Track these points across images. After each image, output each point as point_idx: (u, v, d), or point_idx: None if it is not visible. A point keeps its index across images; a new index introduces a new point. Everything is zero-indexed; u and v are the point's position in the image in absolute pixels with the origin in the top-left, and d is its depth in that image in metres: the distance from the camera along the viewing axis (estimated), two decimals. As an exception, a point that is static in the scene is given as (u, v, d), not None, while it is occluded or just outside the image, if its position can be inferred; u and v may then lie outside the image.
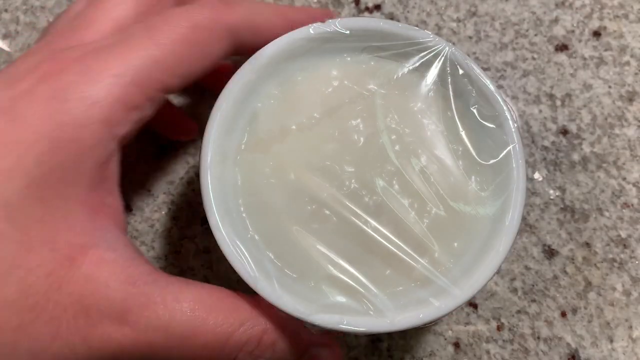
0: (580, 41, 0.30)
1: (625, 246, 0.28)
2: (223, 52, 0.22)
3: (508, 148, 0.22)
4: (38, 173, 0.18)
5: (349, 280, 0.21)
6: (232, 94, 0.22)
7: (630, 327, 0.27)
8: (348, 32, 0.23)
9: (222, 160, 0.22)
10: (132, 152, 0.29)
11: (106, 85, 0.19)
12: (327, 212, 0.22)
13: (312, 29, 0.23)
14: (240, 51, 0.23)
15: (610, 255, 0.28)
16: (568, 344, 0.27)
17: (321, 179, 0.22)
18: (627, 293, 0.28)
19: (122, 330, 0.19)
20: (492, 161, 0.22)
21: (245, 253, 0.20)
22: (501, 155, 0.22)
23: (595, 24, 0.31)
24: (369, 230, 0.21)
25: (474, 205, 0.22)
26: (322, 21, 0.23)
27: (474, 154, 0.23)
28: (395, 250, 0.21)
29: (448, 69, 0.23)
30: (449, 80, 0.23)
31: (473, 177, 0.23)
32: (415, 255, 0.21)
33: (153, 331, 0.19)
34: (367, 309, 0.21)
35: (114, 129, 0.20)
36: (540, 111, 0.29)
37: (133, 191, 0.29)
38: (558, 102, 0.30)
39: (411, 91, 0.23)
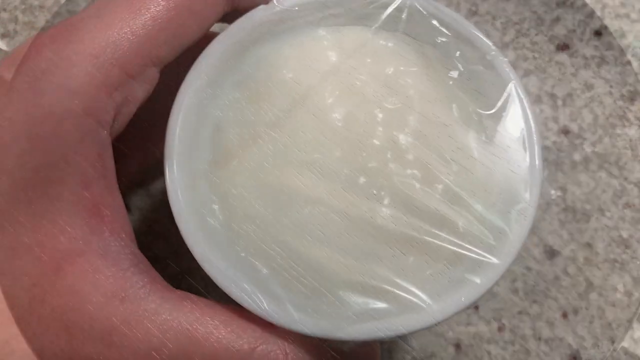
0: (581, 40, 0.30)
1: (626, 246, 0.28)
2: (219, 11, 0.20)
3: (507, 88, 0.20)
4: (21, 175, 0.16)
5: (369, 280, 0.19)
6: (183, 106, 0.19)
7: (632, 328, 0.27)
8: (296, 8, 0.20)
9: (192, 184, 0.19)
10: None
11: (82, 69, 0.17)
12: (325, 209, 0.19)
13: (255, 15, 0.20)
14: (241, 9, 0.21)
15: (612, 256, 0.28)
16: (569, 345, 0.27)
17: (308, 175, 0.20)
18: (628, 294, 0.27)
19: (108, 354, 0.16)
20: (493, 109, 0.20)
21: (247, 283, 0.18)
22: (502, 99, 0.20)
23: (596, 23, 0.30)
24: (376, 218, 0.19)
25: (481, 158, 0.20)
26: (266, 2, 0.20)
27: (469, 104, 0.20)
28: (412, 232, 0.19)
29: (417, 19, 0.21)
30: (421, 32, 0.21)
31: (474, 128, 0.20)
32: (435, 231, 0.19)
33: (144, 353, 0.17)
34: (400, 307, 0.18)
35: (99, 117, 0.17)
36: (542, 111, 0.29)
37: (132, 191, 0.29)
38: (559, 102, 0.29)
39: (383, 55, 0.21)
